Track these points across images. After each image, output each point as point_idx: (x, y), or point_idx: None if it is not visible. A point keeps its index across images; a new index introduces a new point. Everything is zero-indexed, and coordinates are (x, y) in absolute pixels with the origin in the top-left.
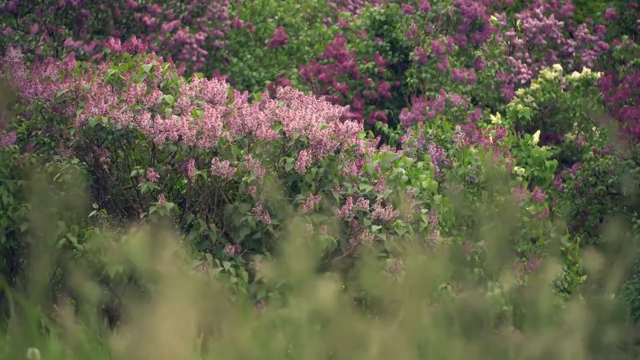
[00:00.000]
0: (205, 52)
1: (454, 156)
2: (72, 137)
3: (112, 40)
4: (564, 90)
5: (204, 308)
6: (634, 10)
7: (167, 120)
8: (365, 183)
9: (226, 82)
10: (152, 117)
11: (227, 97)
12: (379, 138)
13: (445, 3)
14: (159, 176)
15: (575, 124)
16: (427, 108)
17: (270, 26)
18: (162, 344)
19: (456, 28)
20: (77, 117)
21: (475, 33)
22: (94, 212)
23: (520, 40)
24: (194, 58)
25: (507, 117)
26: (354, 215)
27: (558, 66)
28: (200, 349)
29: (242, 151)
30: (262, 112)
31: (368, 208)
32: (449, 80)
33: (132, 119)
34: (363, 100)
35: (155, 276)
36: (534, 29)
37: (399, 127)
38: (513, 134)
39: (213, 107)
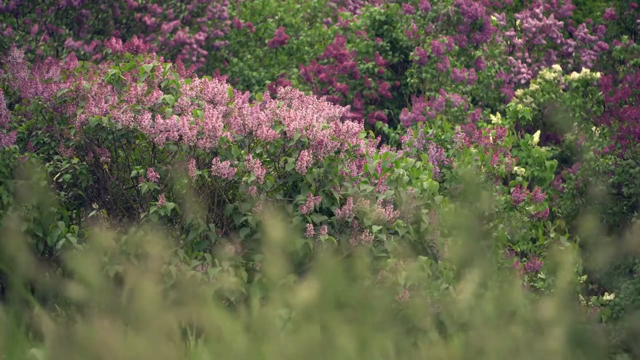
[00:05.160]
0: (205, 52)
1: (454, 156)
2: (73, 137)
3: (114, 40)
4: (563, 90)
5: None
6: (633, 10)
7: (167, 120)
8: (365, 183)
9: (226, 82)
10: (153, 117)
11: (227, 97)
12: (379, 138)
13: (446, 3)
14: (159, 176)
15: (575, 124)
16: (427, 108)
17: (271, 26)
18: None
19: (456, 28)
20: (78, 117)
21: (476, 33)
22: (94, 212)
23: (520, 40)
24: (194, 58)
25: (507, 117)
26: (354, 215)
27: (557, 67)
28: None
29: (243, 151)
30: (262, 112)
31: (368, 208)
32: (449, 80)
33: (132, 118)
34: (363, 100)
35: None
36: (533, 29)
37: (399, 127)
38: (513, 134)
39: (214, 108)
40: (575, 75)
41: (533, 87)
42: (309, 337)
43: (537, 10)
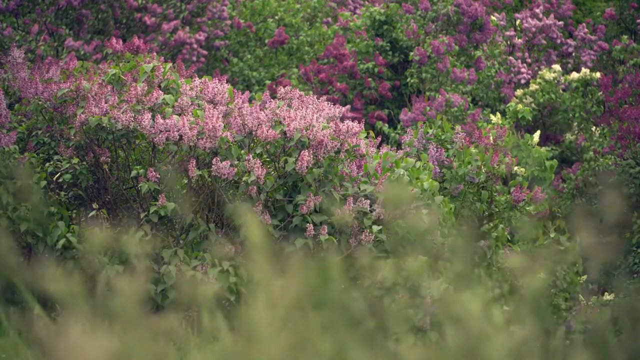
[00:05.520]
0: (205, 52)
1: (454, 156)
2: (73, 137)
3: (114, 40)
4: (563, 90)
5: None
6: (633, 10)
7: (167, 120)
8: (365, 183)
9: (226, 82)
10: (153, 117)
11: (227, 97)
12: (379, 138)
13: (446, 3)
14: (159, 176)
15: (575, 124)
16: (427, 108)
17: (271, 26)
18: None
19: (456, 28)
20: (78, 117)
21: (476, 33)
22: (94, 212)
23: (520, 40)
24: (194, 58)
25: (507, 117)
26: (354, 215)
27: (557, 67)
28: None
29: (243, 151)
30: (262, 112)
31: (368, 208)
32: (449, 80)
33: (132, 118)
34: (363, 100)
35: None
36: (533, 29)
37: (399, 127)
38: (513, 134)
39: (214, 108)
40: (575, 75)
41: (533, 87)
42: (289, 339)
43: (537, 10)
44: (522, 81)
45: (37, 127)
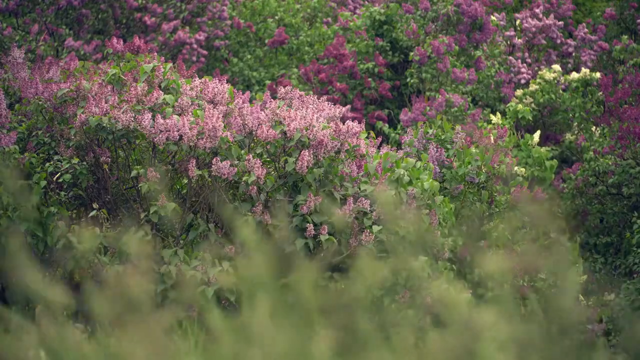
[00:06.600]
0: (205, 52)
1: (454, 156)
2: (73, 137)
3: (115, 40)
4: (563, 90)
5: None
6: (633, 10)
7: (167, 120)
8: (365, 183)
9: (226, 82)
10: (153, 117)
11: (227, 97)
12: (379, 138)
13: (446, 3)
14: (159, 176)
15: (575, 124)
16: (428, 108)
17: (271, 26)
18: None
19: (456, 28)
20: (78, 116)
21: (476, 33)
22: (94, 212)
23: (520, 40)
24: (194, 58)
25: (507, 117)
26: (354, 215)
27: (557, 67)
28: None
29: (243, 151)
30: (262, 112)
31: (369, 208)
32: (449, 81)
33: (132, 118)
34: (363, 100)
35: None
36: (533, 29)
37: (399, 127)
38: (513, 134)
39: (214, 108)
40: (575, 75)
41: (533, 87)
42: (286, 341)
43: (537, 10)
44: (522, 81)
45: (37, 127)
